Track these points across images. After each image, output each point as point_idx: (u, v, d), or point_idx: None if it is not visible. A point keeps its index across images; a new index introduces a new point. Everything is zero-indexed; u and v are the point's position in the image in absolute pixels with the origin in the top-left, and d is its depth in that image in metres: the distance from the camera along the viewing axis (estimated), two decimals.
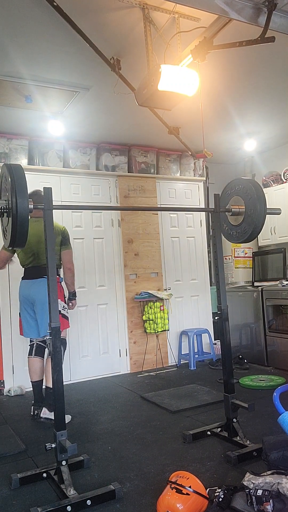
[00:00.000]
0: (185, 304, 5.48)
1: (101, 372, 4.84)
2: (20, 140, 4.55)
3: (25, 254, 3.54)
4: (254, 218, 2.78)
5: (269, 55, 3.23)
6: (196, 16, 2.72)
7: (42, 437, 3.09)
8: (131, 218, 5.12)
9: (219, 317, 2.90)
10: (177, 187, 5.53)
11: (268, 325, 4.88)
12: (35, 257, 3.51)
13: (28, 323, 3.56)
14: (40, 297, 3.41)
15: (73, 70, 3.31)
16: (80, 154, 4.90)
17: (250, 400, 3.20)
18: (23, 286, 3.58)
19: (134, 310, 5.06)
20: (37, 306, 3.47)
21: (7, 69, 3.21)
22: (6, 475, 2.51)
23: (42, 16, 2.60)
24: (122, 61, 3.14)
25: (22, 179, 2.17)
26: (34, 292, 3.47)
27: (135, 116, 4.24)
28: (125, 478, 2.38)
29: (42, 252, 3.44)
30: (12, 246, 2.27)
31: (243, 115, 4.52)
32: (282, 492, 1.93)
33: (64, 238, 3.62)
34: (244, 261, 5.91)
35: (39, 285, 3.45)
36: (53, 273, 2.39)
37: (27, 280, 3.55)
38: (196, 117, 4.15)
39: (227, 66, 3.38)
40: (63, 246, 3.61)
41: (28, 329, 3.58)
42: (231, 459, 2.46)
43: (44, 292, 3.39)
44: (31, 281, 3.51)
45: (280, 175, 5.57)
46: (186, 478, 2.02)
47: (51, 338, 2.33)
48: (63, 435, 2.28)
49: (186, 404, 3.61)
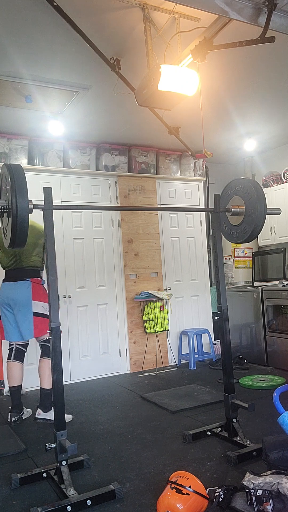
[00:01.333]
0: (185, 304, 5.48)
1: (101, 372, 4.84)
2: (20, 140, 4.55)
3: (6, 256, 3.47)
4: (254, 218, 2.78)
5: (269, 55, 3.23)
6: (196, 16, 2.72)
7: (42, 437, 3.09)
8: (131, 218, 5.12)
9: (219, 317, 2.90)
10: (177, 187, 5.53)
11: (268, 325, 4.88)
12: (16, 259, 3.44)
13: (11, 326, 3.49)
14: (20, 299, 3.38)
15: (73, 70, 3.31)
16: (80, 154, 4.90)
17: (250, 400, 3.20)
18: (4, 288, 3.50)
19: (134, 310, 5.06)
20: (16, 308, 3.41)
21: (7, 69, 3.21)
22: (6, 475, 2.51)
23: (42, 16, 2.60)
24: (122, 61, 3.14)
25: (22, 179, 2.17)
26: (14, 295, 3.41)
27: (135, 116, 4.24)
28: (125, 478, 2.38)
29: (24, 254, 3.40)
30: (12, 246, 2.27)
31: (243, 115, 4.52)
32: (282, 492, 1.93)
33: None
34: (244, 261, 5.91)
35: (20, 288, 3.40)
36: (53, 273, 2.38)
37: (8, 283, 3.47)
38: (196, 117, 4.15)
39: (227, 66, 3.39)
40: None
41: (10, 332, 3.50)
42: (231, 459, 2.46)
43: (24, 295, 3.38)
44: (12, 283, 3.44)
45: (280, 175, 5.57)
46: (186, 478, 2.02)
47: (51, 338, 2.33)
48: (63, 435, 2.28)
49: (186, 404, 3.61)
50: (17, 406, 3.46)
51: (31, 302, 3.38)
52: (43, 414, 3.38)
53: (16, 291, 3.41)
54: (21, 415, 3.46)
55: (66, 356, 4.49)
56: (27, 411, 3.58)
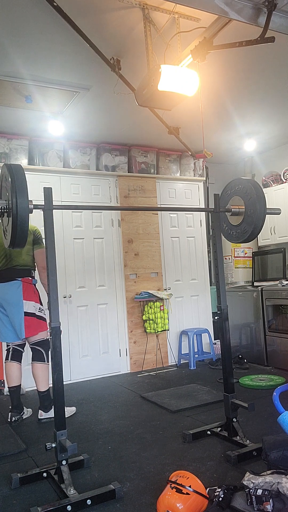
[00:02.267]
0: (185, 304, 5.48)
1: (101, 372, 4.84)
2: (20, 140, 4.55)
3: None
4: (254, 218, 2.78)
5: (269, 55, 3.23)
6: (196, 16, 2.72)
7: (42, 437, 3.10)
8: (131, 218, 5.12)
9: (219, 317, 2.90)
10: (177, 187, 5.53)
11: (268, 325, 4.89)
12: (7, 259, 3.42)
13: (4, 327, 3.47)
14: (11, 299, 3.37)
15: (73, 70, 3.31)
16: (80, 154, 4.90)
17: (250, 400, 3.21)
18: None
19: (134, 310, 5.06)
20: (8, 309, 3.41)
21: (7, 69, 3.21)
22: (6, 475, 2.51)
23: (42, 16, 2.60)
24: (122, 61, 3.15)
25: (22, 179, 2.17)
26: (5, 295, 3.40)
27: (135, 116, 4.24)
28: (125, 478, 2.39)
29: (14, 254, 3.39)
30: (12, 246, 2.28)
31: (243, 115, 4.52)
32: (282, 492, 1.93)
33: (36, 237, 3.51)
34: (244, 261, 5.92)
35: (10, 288, 3.39)
36: (53, 273, 2.37)
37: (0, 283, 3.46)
38: (196, 117, 4.15)
39: (227, 66, 3.39)
40: (36, 245, 3.50)
41: (5, 333, 3.48)
42: (231, 458, 2.46)
43: (15, 295, 3.38)
44: (3, 284, 3.42)
45: (280, 175, 5.57)
46: (186, 478, 2.02)
47: (51, 338, 2.33)
48: (63, 434, 2.29)
49: (186, 403, 3.61)
50: (17, 406, 3.47)
51: (22, 302, 3.37)
52: (45, 414, 3.40)
53: (7, 291, 3.40)
54: (22, 415, 3.47)
55: (66, 356, 4.49)
56: (28, 411, 3.58)
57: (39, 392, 3.43)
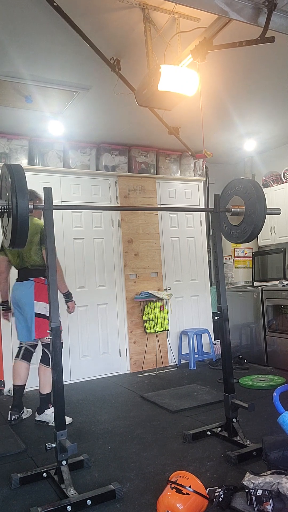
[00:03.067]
0: (185, 304, 5.48)
1: (101, 372, 4.84)
2: (20, 140, 4.55)
3: (12, 256, 3.49)
4: (254, 218, 2.78)
5: (269, 55, 3.23)
6: (196, 16, 2.72)
7: (42, 437, 3.10)
8: (131, 218, 5.12)
9: (219, 317, 2.90)
10: (177, 187, 5.53)
11: (268, 325, 4.88)
12: (21, 259, 3.45)
13: (20, 326, 3.51)
14: (25, 299, 3.40)
15: (73, 70, 3.31)
16: (80, 154, 4.90)
17: (250, 400, 3.21)
18: (13, 288, 3.54)
19: (134, 310, 5.06)
20: (22, 308, 3.43)
21: (7, 69, 3.21)
22: (6, 475, 2.51)
23: (42, 16, 2.60)
24: (122, 61, 3.14)
25: (22, 179, 2.17)
26: (19, 295, 3.44)
27: (135, 116, 4.24)
28: (125, 478, 2.39)
29: (25, 254, 3.41)
30: (12, 246, 2.27)
31: (243, 115, 4.52)
32: (282, 492, 1.93)
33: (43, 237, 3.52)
34: (244, 261, 5.91)
35: (24, 288, 3.42)
36: (53, 273, 2.37)
37: (16, 283, 3.51)
38: (196, 117, 4.15)
39: (227, 66, 3.39)
40: (43, 245, 3.43)
41: (20, 332, 3.52)
42: (231, 459, 2.46)
43: (27, 295, 3.38)
44: (19, 283, 3.47)
45: (280, 175, 5.57)
46: (186, 478, 2.02)
47: (51, 338, 2.33)
48: (63, 434, 2.28)
49: (186, 404, 3.61)
50: (18, 405, 3.47)
51: (33, 302, 3.39)
52: (38, 416, 3.42)
53: (21, 291, 3.44)
54: (21, 414, 3.47)
55: (66, 356, 4.49)
56: (28, 411, 3.58)
57: (40, 394, 3.44)
